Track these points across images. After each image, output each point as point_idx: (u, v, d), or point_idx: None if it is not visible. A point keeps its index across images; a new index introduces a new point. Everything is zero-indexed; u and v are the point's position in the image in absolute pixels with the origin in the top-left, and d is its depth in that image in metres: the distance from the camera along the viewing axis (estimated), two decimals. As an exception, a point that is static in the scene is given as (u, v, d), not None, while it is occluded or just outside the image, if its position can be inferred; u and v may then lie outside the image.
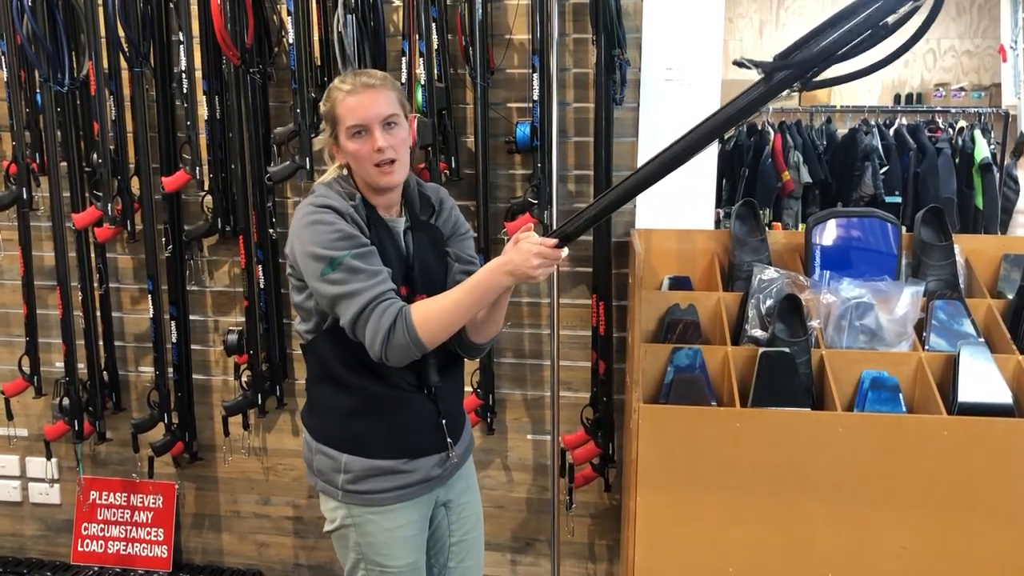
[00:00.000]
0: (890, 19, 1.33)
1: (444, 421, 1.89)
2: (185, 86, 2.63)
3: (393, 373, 1.79)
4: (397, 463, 1.85)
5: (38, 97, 2.72)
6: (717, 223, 2.93)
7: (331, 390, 1.86)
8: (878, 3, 1.30)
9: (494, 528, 2.94)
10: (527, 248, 1.65)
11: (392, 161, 1.74)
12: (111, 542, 3.10)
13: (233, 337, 2.79)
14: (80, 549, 3.12)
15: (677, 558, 2.06)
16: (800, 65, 1.40)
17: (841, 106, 6.06)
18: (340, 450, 1.86)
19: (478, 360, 2.70)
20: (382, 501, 1.86)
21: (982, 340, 2.16)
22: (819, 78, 1.43)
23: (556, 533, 2.73)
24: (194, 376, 2.95)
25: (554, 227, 2.52)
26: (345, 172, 1.83)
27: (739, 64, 1.43)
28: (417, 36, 2.49)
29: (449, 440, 1.90)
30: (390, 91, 1.76)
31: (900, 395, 2.08)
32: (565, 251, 1.67)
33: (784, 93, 1.43)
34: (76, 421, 2.91)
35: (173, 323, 2.85)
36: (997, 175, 5.03)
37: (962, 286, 2.34)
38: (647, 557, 2.06)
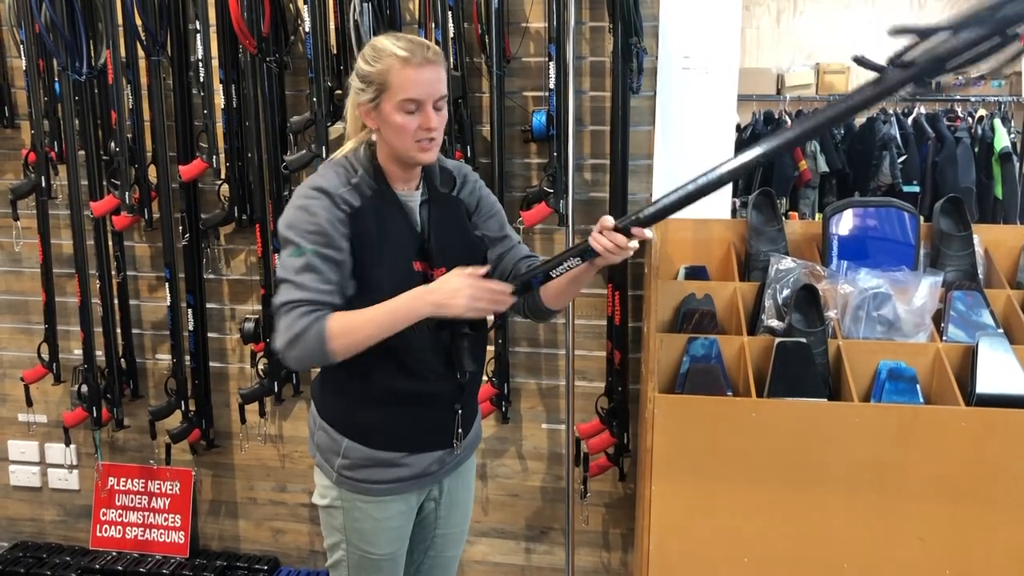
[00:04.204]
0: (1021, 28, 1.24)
1: (458, 415, 1.87)
2: (202, 75, 2.64)
3: (422, 363, 1.77)
4: (397, 456, 1.84)
5: (56, 86, 2.74)
6: (734, 212, 2.93)
7: (345, 374, 1.82)
8: (1009, 10, 1.21)
9: (508, 516, 2.95)
10: (457, 282, 1.65)
11: (433, 140, 1.71)
12: (129, 528, 3.13)
13: (250, 325, 2.80)
14: (99, 534, 3.16)
15: (692, 548, 2.06)
16: (918, 71, 1.33)
17: (859, 95, 6.02)
18: (342, 434, 1.85)
19: (493, 349, 2.70)
20: (375, 492, 1.86)
21: (1001, 331, 2.14)
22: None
23: (571, 522, 2.74)
24: (211, 364, 2.97)
25: (570, 216, 2.53)
26: (364, 146, 1.78)
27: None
28: (433, 24, 2.49)
29: (460, 431, 1.88)
30: (444, 69, 1.71)
31: (917, 386, 2.07)
32: (635, 243, 1.63)
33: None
34: (94, 408, 2.93)
35: (190, 311, 2.87)
36: (1017, 164, 4.99)
37: (981, 276, 2.32)
38: (662, 546, 2.06)
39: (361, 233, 1.72)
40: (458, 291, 1.64)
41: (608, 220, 1.62)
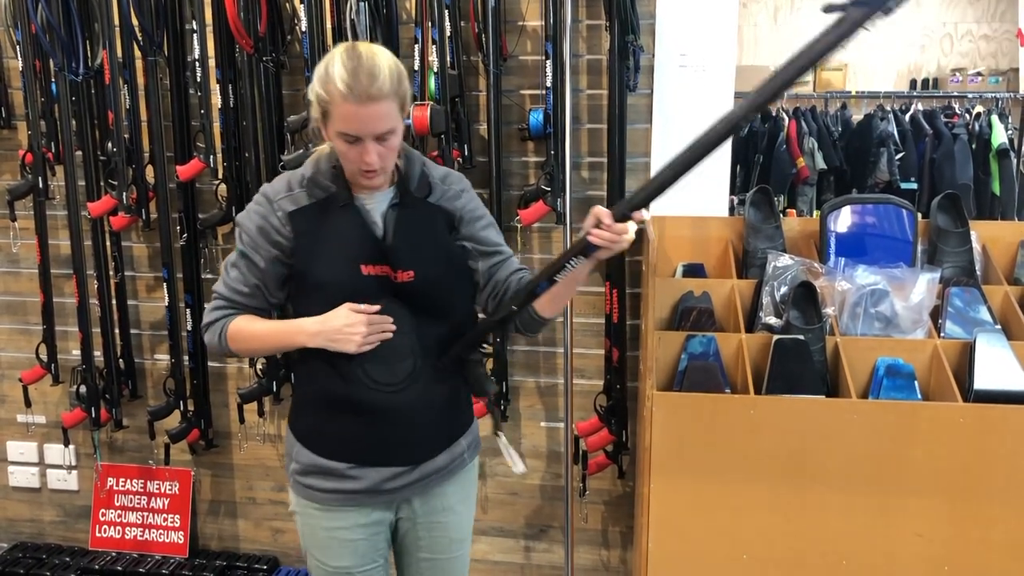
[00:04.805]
0: None
1: (414, 431, 1.79)
2: (199, 74, 2.64)
3: (359, 369, 1.72)
4: (342, 466, 1.77)
5: (53, 86, 2.74)
6: (731, 210, 2.93)
7: (304, 374, 1.85)
8: None
9: (508, 515, 2.95)
10: (345, 318, 1.68)
11: (375, 170, 1.66)
12: (128, 528, 3.13)
13: (248, 325, 2.80)
14: (98, 535, 3.15)
15: (691, 545, 2.06)
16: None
17: (856, 92, 6.03)
18: (295, 436, 1.84)
19: (492, 348, 2.70)
20: (323, 500, 1.81)
21: (998, 327, 2.14)
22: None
23: (570, 520, 2.74)
24: (209, 364, 2.97)
25: (568, 215, 2.52)
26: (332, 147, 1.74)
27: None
28: (430, 23, 2.49)
29: (420, 449, 1.81)
30: (392, 101, 1.61)
31: (915, 382, 2.07)
32: (634, 227, 1.57)
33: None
34: (93, 408, 2.93)
35: (188, 311, 2.87)
36: (1014, 161, 4.99)
37: (978, 273, 2.33)
38: (661, 544, 2.07)
39: (301, 233, 1.72)
40: (347, 329, 1.68)
41: (603, 212, 1.56)
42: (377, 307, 1.69)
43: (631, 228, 1.57)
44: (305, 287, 1.75)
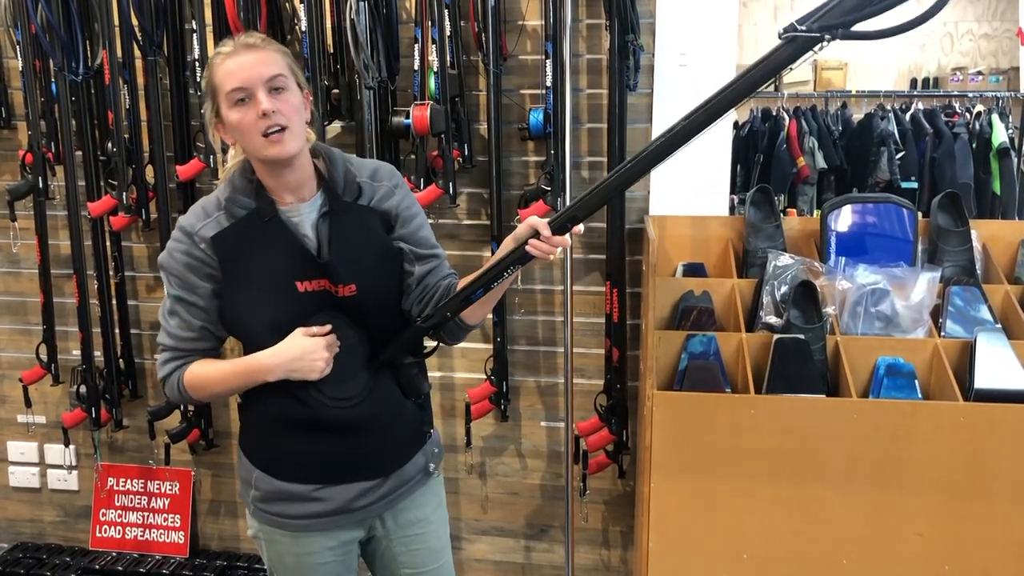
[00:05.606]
0: None
1: (375, 443, 1.74)
2: (198, 74, 2.63)
3: (313, 388, 1.66)
4: (308, 489, 1.72)
5: (53, 87, 2.73)
6: (731, 209, 2.93)
7: (254, 401, 1.75)
8: None
9: (508, 515, 2.95)
10: (304, 345, 1.61)
11: (282, 128, 1.55)
12: (129, 528, 3.13)
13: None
14: (98, 535, 3.15)
15: (691, 544, 2.06)
16: (822, 29, 1.30)
17: (857, 91, 6.03)
18: (253, 463, 1.77)
19: (492, 348, 2.70)
20: (291, 527, 1.75)
21: (999, 326, 2.14)
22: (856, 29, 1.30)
23: (570, 520, 2.74)
24: (209, 364, 2.96)
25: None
26: (242, 163, 1.67)
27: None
28: (430, 23, 2.49)
29: (382, 461, 1.76)
30: (274, 52, 1.59)
31: (916, 381, 2.07)
32: (568, 239, 1.55)
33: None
34: (93, 408, 2.93)
35: (188, 311, 2.86)
36: (1015, 160, 4.99)
37: (979, 272, 2.33)
38: (661, 543, 2.07)
39: (226, 258, 1.63)
40: (308, 357, 1.62)
41: (541, 224, 1.52)
42: (328, 326, 1.64)
43: (567, 240, 1.55)
44: (242, 313, 1.66)
